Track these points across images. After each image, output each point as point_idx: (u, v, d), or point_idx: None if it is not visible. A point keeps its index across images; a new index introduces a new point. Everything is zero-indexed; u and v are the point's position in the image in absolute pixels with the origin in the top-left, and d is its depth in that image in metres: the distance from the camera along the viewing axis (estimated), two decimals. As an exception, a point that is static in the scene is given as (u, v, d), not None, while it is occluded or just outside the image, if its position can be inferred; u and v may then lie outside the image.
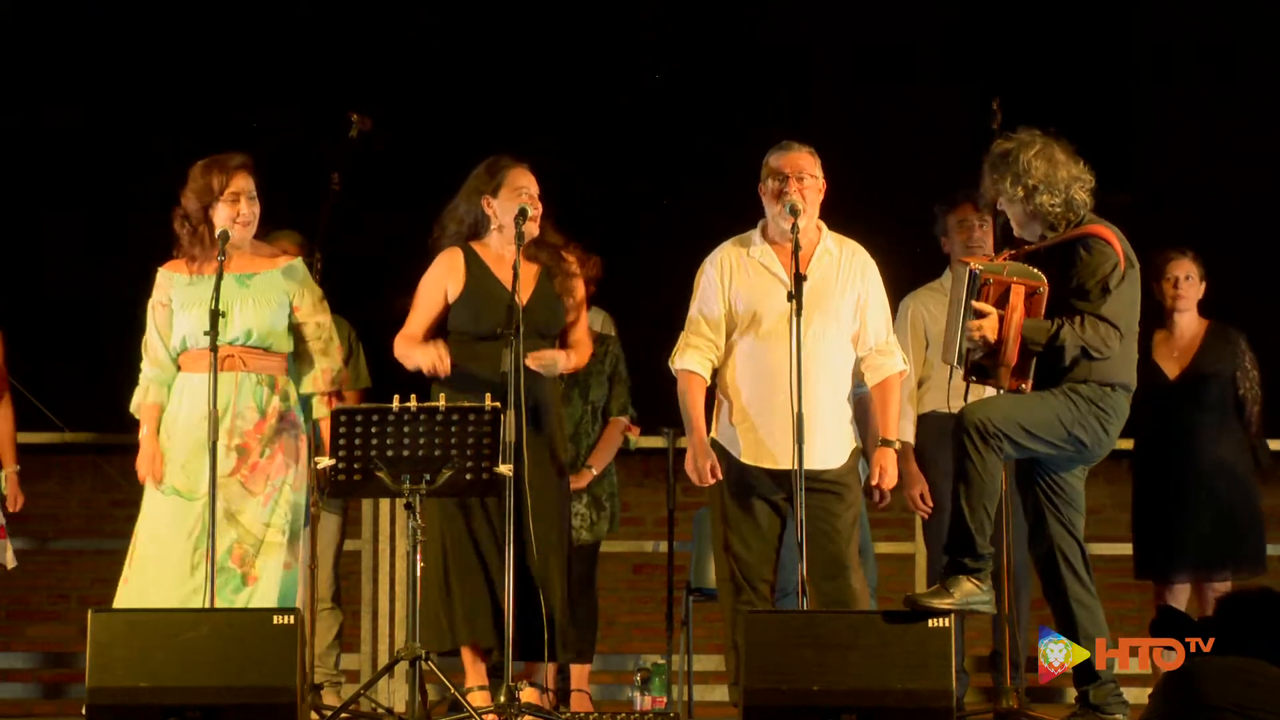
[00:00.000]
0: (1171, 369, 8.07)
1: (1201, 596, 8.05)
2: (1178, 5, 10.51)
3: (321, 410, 7.07)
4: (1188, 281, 8.08)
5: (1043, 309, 6.66)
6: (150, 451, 6.97)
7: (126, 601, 6.89)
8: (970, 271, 6.75)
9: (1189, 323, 8.12)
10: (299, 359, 7.08)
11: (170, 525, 6.87)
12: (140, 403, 7.05)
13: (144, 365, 7.08)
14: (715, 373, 7.13)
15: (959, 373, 6.84)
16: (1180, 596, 8.03)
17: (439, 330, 7.23)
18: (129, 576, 6.92)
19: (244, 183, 6.97)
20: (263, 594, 6.87)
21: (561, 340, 7.27)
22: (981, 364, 6.72)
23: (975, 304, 6.66)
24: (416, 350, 7.14)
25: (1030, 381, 6.69)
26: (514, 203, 7.13)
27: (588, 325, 7.39)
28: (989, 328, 6.64)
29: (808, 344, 6.92)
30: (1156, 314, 8.01)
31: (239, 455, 6.90)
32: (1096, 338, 6.65)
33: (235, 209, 6.95)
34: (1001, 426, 6.66)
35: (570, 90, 10.44)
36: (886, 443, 7.10)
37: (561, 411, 7.34)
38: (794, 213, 6.97)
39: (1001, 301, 6.66)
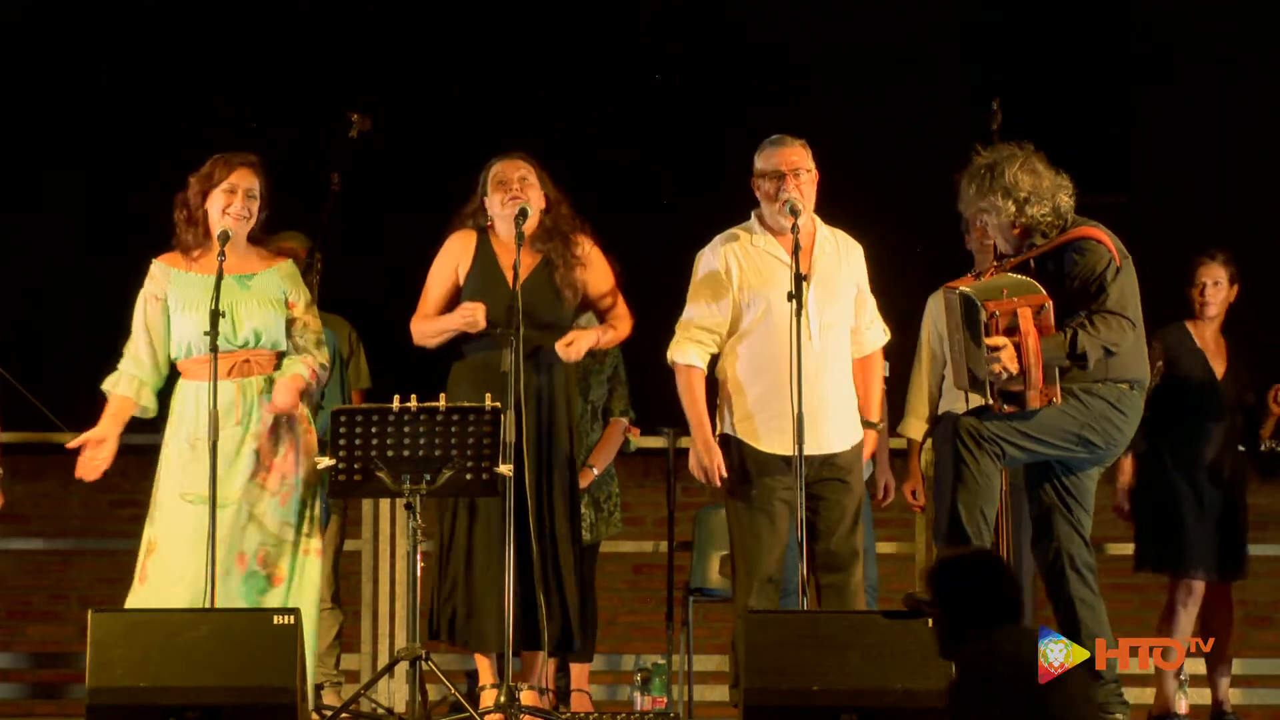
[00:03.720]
0: (1197, 370, 8.09)
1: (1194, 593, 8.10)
2: (1178, 5, 10.52)
3: (295, 367, 6.90)
4: (1215, 287, 8.13)
5: (1052, 320, 6.66)
6: (102, 432, 6.91)
7: (140, 603, 6.84)
8: (966, 298, 6.73)
9: (1213, 327, 8.15)
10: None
11: (197, 532, 6.78)
12: (111, 389, 6.99)
13: (123, 359, 7.00)
14: (716, 367, 7.10)
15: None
16: (1196, 592, 8.05)
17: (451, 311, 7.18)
18: (146, 579, 6.87)
19: (243, 179, 6.94)
20: (296, 593, 6.85)
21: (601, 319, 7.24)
22: (1010, 391, 6.69)
23: (989, 340, 6.64)
24: (440, 320, 7.09)
25: (1059, 393, 6.69)
26: (499, 196, 7.14)
27: (623, 304, 7.31)
28: (1008, 359, 6.63)
29: (819, 333, 6.90)
30: (1187, 316, 8.10)
31: (257, 458, 6.90)
32: (1111, 333, 6.69)
33: (228, 199, 6.91)
34: (996, 430, 6.67)
35: (570, 91, 10.44)
36: (869, 425, 7.08)
37: (574, 403, 7.30)
38: (794, 213, 6.94)
39: (1010, 327, 6.65)
